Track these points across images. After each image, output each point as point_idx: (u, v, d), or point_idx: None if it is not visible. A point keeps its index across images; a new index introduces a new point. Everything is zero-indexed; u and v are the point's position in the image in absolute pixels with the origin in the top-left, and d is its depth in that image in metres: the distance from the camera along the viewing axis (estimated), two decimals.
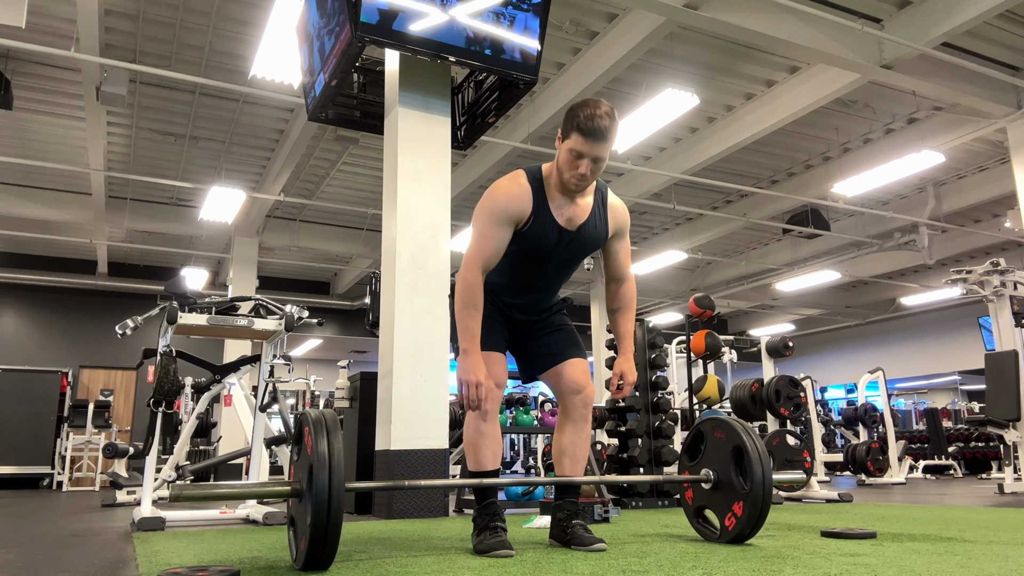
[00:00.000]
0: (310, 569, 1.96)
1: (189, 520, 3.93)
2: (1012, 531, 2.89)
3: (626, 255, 2.60)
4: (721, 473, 2.53)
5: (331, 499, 1.91)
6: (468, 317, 2.31)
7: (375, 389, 4.54)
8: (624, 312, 2.61)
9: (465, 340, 2.31)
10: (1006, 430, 6.15)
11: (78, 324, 12.61)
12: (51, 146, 8.70)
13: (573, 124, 2.27)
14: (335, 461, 1.95)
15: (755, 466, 2.41)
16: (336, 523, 1.92)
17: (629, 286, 2.61)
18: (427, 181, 4.63)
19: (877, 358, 13.24)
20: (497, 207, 2.35)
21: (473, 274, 2.32)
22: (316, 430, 2.00)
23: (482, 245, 2.34)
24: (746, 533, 2.43)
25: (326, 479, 1.92)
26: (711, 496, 2.57)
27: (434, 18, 4.18)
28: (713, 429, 2.62)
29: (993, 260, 6.41)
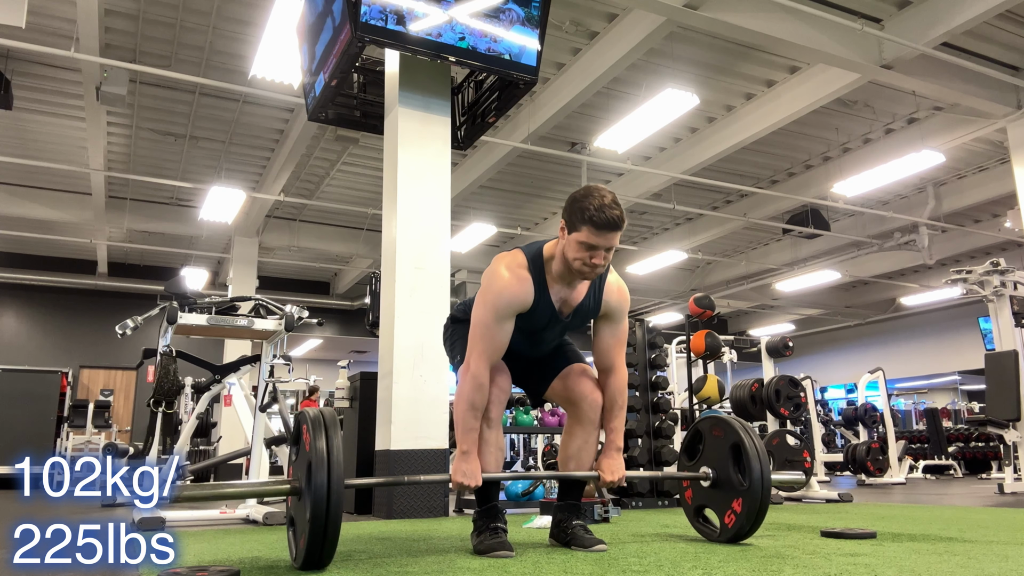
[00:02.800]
0: (309, 568, 1.96)
1: (189, 520, 3.93)
2: (1012, 531, 2.89)
3: (617, 341, 2.45)
4: (720, 471, 2.53)
5: (330, 497, 1.90)
6: (472, 418, 2.27)
7: (375, 389, 4.54)
8: (610, 407, 2.44)
9: (466, 443, 2.27)
10: (1006, 430, 6.15)
11: (78, 324, 12.61)
12: (51, 146, 8.69)
13: (583, 217, 2.18)
14: (334, 459, 1.94)
15: (753, 463, 2.40)
16: (335, 521, 1.92)
17: (617, 379, 2.44)
18: (427, 181, 4.63)
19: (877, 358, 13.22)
20: (501, 303, 2.28)
21: (482, 373, 2.27)
22: (315, 428, 2.00)
23: (488, 341, 2.29)
24: (746, 530, 2.43)
25: (325, 477, 1.92)
26: (710, 494, 2.56)
27: (434, 18, 4.18)
28: (711, 428, 2.62)
29: (993, 260, 6.41)
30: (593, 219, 2.16)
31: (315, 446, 1.96)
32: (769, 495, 2.42)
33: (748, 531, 2.45)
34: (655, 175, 9.19)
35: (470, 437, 2.26)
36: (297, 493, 2.07)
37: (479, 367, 2.26)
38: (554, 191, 10.30)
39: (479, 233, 10.37)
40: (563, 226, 2.26)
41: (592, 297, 2.38)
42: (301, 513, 2.01)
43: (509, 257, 2.36)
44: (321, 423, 2.02)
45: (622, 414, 2.46)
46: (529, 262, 2.33)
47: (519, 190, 10.38)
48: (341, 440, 2.03)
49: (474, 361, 2.27)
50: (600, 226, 2.17)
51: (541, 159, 9.11)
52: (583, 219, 2.18)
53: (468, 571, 1.96)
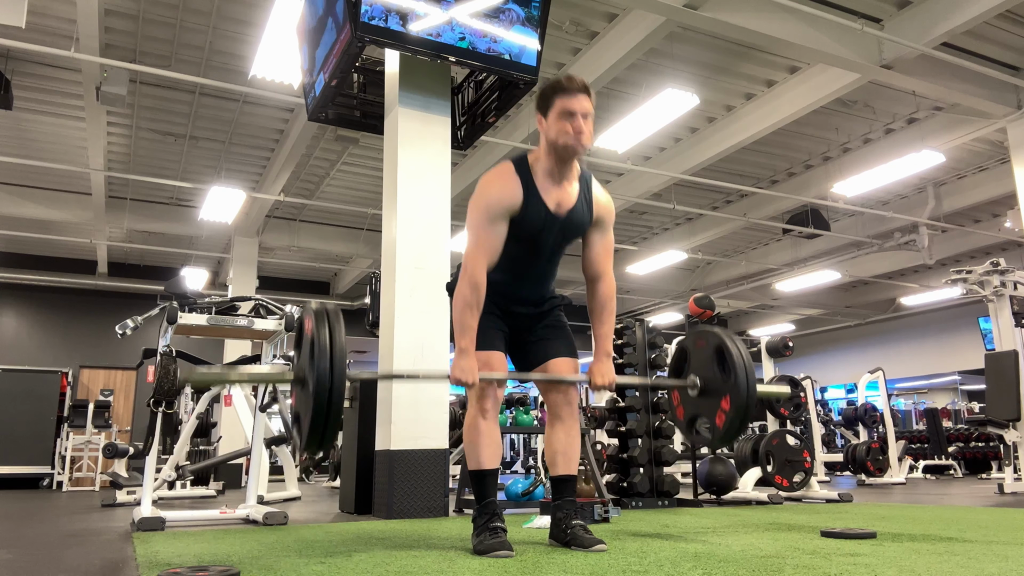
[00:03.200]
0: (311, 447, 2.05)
1: (189, 520, 3.93)
2: (1012, 531, 2.89)
3: (605, 249, 2.56)
4: (707, 378, 2.59)
5: (332, 383, 1.97)
6: (469, 316, 2.33)
7: (375, 389, 4.54)
8: (599, 312, 2.55)
9: (465, 339, 2.32)
10: (1006, 430, 6.15)
11: (78, 324, 12.60)
12: (51, 146, 8.69)
13: (551, 93, 2.37)
14: (336, 348, 2.01)
15: (736, 360, 2.47)
16: (337, 408, 1.99)
17: (606, 286, 2.56)
18: (427, 181, 4.63)
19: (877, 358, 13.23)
20: (491, 204, 2.38)
21: (479, 274, 2.34)
22: (318, 320, 2.07)
23: (483, 243, 2.37)
24: (736, 426, 2.47)
25: (327, 365, 1.98)
26: (700, 403, 2.61)
27: (434, 18, 4.18)
28: (695, 341, 2.70)
29: (993, 260, 6.41)
30: (561, 89, 2.36)
31: (318, 336, 2.02)
32: (755, 390, 2.48)
33: (739, 427, 2.48)
34: (655, 175, 9.19)
35: (468, 335, 2.31)
36: (301, 382, 2.12)
37: (475, 268, 2.33)
38: None
39: None
40: (539, 118, 2.42)
41: (584, 199, 2.49)
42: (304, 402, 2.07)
43: (496, 167, 2.47)
44: (324, 315, 2.09)
45: (611, 319, 2.56)
46: (515, 164, 2.45)
47: None
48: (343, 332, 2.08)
49: (470, 262, 2.34)
50: (569, 91, 2.34)
51: None
52: (553, 93, 2.37)
53: (468, 571, 1.96)
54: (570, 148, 2.37)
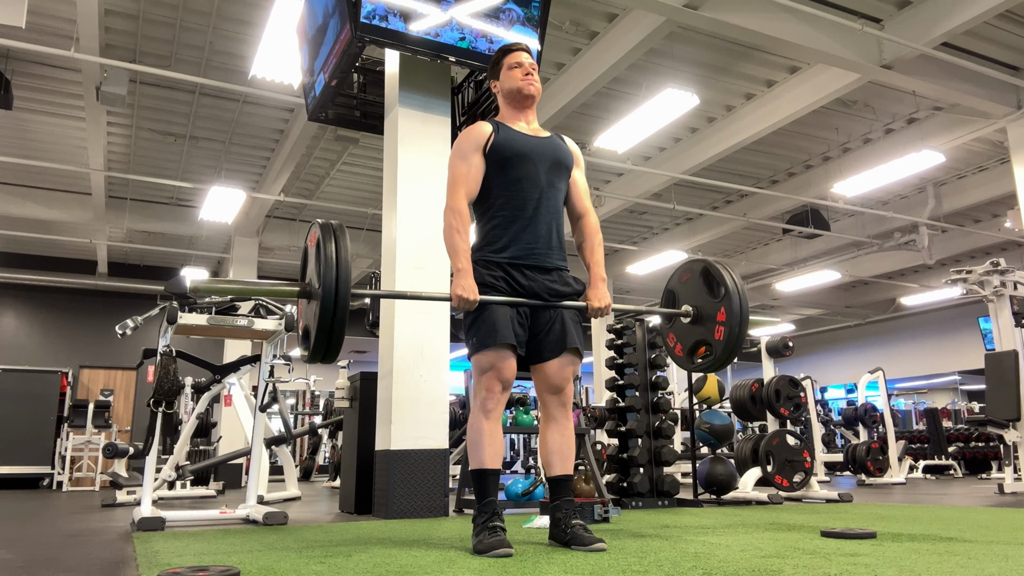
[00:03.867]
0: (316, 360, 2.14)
1: (189, 520, 3.93)
2: (1012, 531, 2.89)
3: (584, 189, 2.76)
4: (699, 303, 2.69)
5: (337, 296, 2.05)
6: (459, 240, 2.45)
7: (375, 389, 4.54)
8: (588, 242, 2.70)
9: (460, 260, 2.42)
10: (1006, 430, 6.15)
11: (78, 324, 12.60)
12: (51, 146, 8.70)
13: (499, 57, 2.73)
14: (342, 263, 2.09)
15: (723, 275, 2.59)
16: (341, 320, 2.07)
17: (591, 219, 2.73)
18: (427, 181, 4.63)
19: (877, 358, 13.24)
20: (461, 144, 2.59)
21: (458, 200, 2.50)
22: (324, 234, 2.14)
23: (459, 177, 2.54)
24: (736, 332, 2.56)
25: (333, 278, 2.06)
26: (697, 330, 2.70)
27: (434, 18, 4.19)
28: (680, 276, 2.82)
29: (993, 260, 6.41)
30: (505, 49, 2.73)
31: (325, 250, 2.10)
32: (746, 297, 2.60)
33: (738, 333, 2.56)
34: (655, 175, 9.19)
35: (462, 256, 2.42)
36: (307, 295, 2.20)
37: (454, 198, 2.51)
38: None
39: None
40: (493, 84, 2.75)
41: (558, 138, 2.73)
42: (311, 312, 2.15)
43: None
44: (330, 229, 2.16)
45: (600, 248, 2.72)
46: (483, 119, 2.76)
47: None
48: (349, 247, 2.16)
49: (449, 196, 2.52)
50: (511, 49, 2.71)
51: None
52: (500, 56, 2.72)
53: (468, 571, 1.96)
54: (523, 90, 2.65)
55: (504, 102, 2.72)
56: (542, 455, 2.59)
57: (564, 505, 2.50)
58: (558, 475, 2.53)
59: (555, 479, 2.54)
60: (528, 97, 2.67)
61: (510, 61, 2.68)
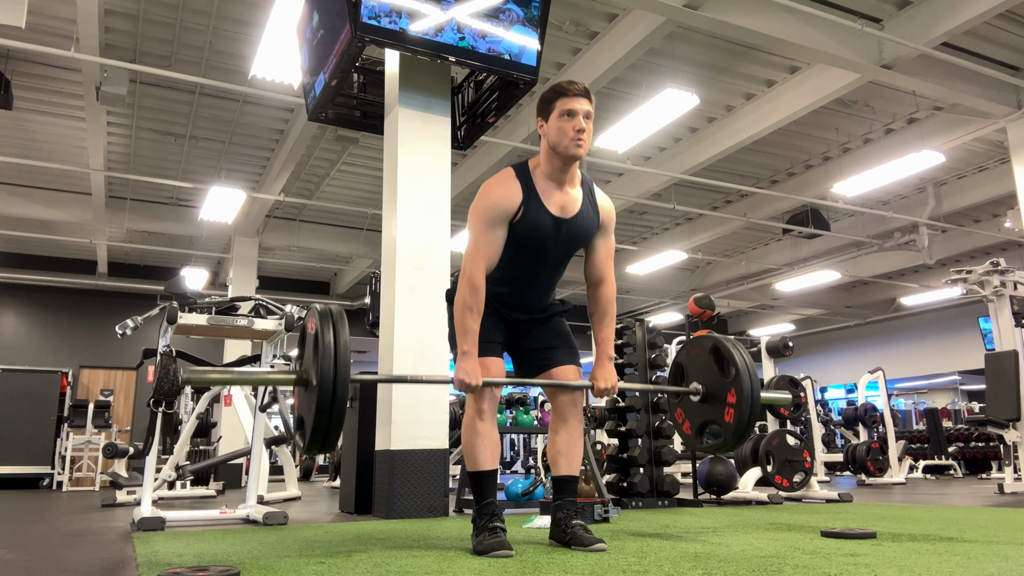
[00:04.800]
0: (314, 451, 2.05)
1: (189, 520, 3.93)
2: (1012, 531, 2.89)
3: (607, 255, 2.58)
4: (708, 382, 2.60)
5: (336, 386, 1.97)
6: (470, 320, 2.33)
7: (375, 389, 4.54)
8: (600, 316, 2.57)
9: (466, 343, 2.32)
10: (1006, 430, 6.15)
11: (78, 324, 12.60)
12: (51, 146, 8.70)
13: (553, 96, 2.41)
14: (340, 350, 2.02)
15: (733, 355, 2.49)
16: (340, 408, 1.99)
17: (608, 290, 2.57)
18: (427, 181, 4.63)
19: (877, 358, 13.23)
20: (489, 207, 2.39)
21: (478, 277, 2.35)
22: (322, 321, 2.06)
23: (481, 247, 2.39)
24: (747, 416, 2.45)
25: (331, 367, 1.98)
26: (706, 408, 2.61)
27: (434, 18, 4.18)
28: (689, 351, 2.72)
29: (993, 260, 6.41)
30: (562, 91, 2.40)
31: (322, 338, 2.02)
32: (757, 381, 2.50)
33: (749, 416, 2.45)
34: (655, 175, 9.19)
35: (469, 338, 2.33)
36: (304, 383, 2.12)
37: (474, 271, 2.35)
38: None
39: None
40: (540, 123, 2.45)
41: (589, 205, 2.50)
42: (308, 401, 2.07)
43: (497, 174, 2.48)
44: (329, 316, 2.09)
45: (612, 323, 2.58)
46: (515, 170, 2.46)
47: None
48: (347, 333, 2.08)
49: (469, 266, 2.36)
50: (571, 93, 2.39)
51: None
52: (554, 96, 2.41)
53: (468, 571, 1.96)
54: (571, 149, 2.37)
55: (547, 151, 2.43)
56: (549, 454, 2.59)
57: (566, 505, 2.50)
58: (564, 475, 2.54)
59: (560, 479, 2.54)
60: (574, 158, 2.41)
61: (564, 106, 2.38)
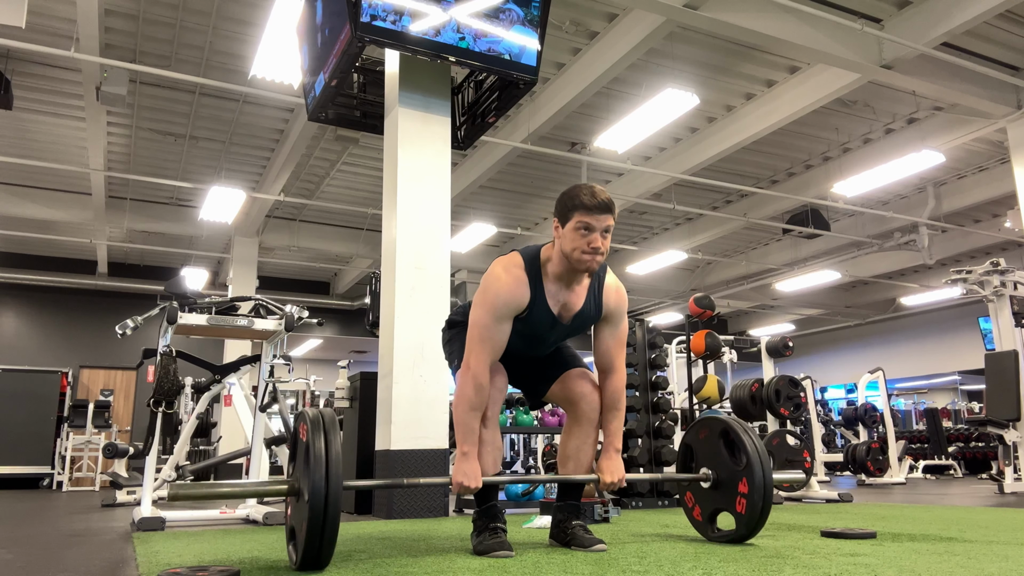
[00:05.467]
0: (307, 569, 1.96)
1: (189, 520, 3.93)
2: (1012, 531, 2.89)
3: (617, 342, 2.47)
4: (718, 467, 2.53)
5: (328, 498, 1.89)
6: (472, 420, 2.27)
7: (375, 389, 4.54)
8: (609, 409, 2.45)
9: (467, 443, 2.26)
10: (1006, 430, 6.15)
11: (78, 324, 12.60)
12: (51, 146, 8.70)
13: (574, 204, 2.26)
14: (332, 460, 1.93)
15: (744, 438, 2.42)
16: (333, 522, 1.91)
17: (617, 380, 2.46)
18: (427, 181, 4.63)
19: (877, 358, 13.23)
20: (498, 304, 2.30)
21: (483, 376, 2.27)
22: (313, 429, 1.99)
23: (487, 342, 2.30)
24: (760, 507, 2.37)
25: (323, 478, 1.90)
26: (716, 496, 2.55)
27: (434, 18, 4.18)
28: (697, 433, 2.65)
29: (993, 260, 6.41)
30: (585, 202, 2.24)
31: (313, 447, 1.95)
32: (770, 469, 2.41)
33: (763, 507, 2.37)
34: (655, 175, 9.19)
35: (471, 439, 2.26)
36: (296, 493, 2.06)
37: (479, 368, 2.27)
38: (554, 191, 10.28)
39: (479, 233, 10.37)
40: (556, 225, 2.31)
41: (592, 301, 2.40)
42: (299, 513, 2.01)
43: (507, 259, 2.38)
44: (320, 423, 2.00)
45: (621, 416, 2.47)
46: (526, 263, 2.35)
47: (519, 190, 10.38)
48: (340, 440, 2.01)
49: (474, 362, 2.27)
50: (592, 207, 2.23)
51: (541, 159, 9.11)
52: (575, 205, 2.25)
53: (468, 571, 1.96)
54: (583, 264, 2.26)
55: (559, 254, 2.31)
56: (560, 455, 2.57)
57: (567, 507, 2.50)
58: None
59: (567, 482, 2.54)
60: (586, 271, 2.31)
61: (582, 219, 2.23)
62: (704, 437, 2.60)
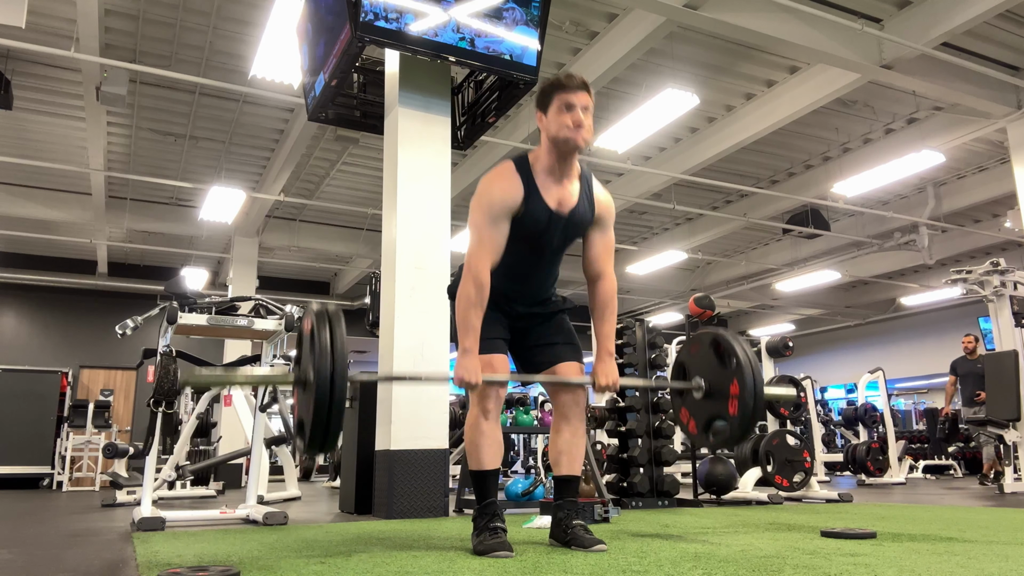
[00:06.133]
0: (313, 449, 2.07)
1: (189, 520, 3.93)
2: (1012, 531, 2.89)
3: (606, 248, 2.56)
4: (710, 376, 2.57)
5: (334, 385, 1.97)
6: (473, 317, 2.31)
7: (375, 389, 4.54)
8: (600, 311, 2.55)
9: (468, 339, 2.30)
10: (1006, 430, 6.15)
11: (78, 324, 12.60)
12: (51, 146, 8.69)
13: (553, 87, 2.41)
14: (337, 350, 2.02)
15: (733, 344, 2.48)
16: (339, 409, 1.99)
17: (607, 285, 2.55)
18: (427, 181, 4.63)
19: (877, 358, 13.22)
20: (493, 204, 2.38)
21: (483, 274, 2.32)
22: (319, 321, 2.07)
23: (486, 243, 2.36)
24: (750, 407, 2.42)
25: (328, 367, 1.98)
26: (709, 404, 2.59)
27: (434, 18, 4.18)
28: (689, 349, 2.70)
29: (993, 260, 6.42)
30: (563, 83, 2.40)
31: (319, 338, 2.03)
32: (759, 368, 2.47)
33: (753, 407, 2.42)
34: (655, 175, 9.19)
35: (471, 336, 2.30)
36: (303, 383, 2.13)
37: (479, 268, 2.32)
38: None
39: None
40: (540, 116, 2.45)
41: (585, 199, 2.50)
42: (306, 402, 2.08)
43: (496, 167, 2.48)
44: (325, 316, 2.09)
45: (613, 319, 2.56)
46: (516, 164, 2.46)
47: None
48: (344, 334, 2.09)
49: (474, 263, 2.33)
50: (570, 86, 2.38)
51: None
52: (553, 88, 2.41)
53: (468, 571, 1.96)
54: (570, 141, 2.37)
55: (547, 144, 2.43)
56: (551, 453, 2.58)
57: (567, 505, 2.50)
58: (565, 475, 2.53)
59: (562, 478, 2.54)
60: (574, 149, 2.40)
61: (564, 99, 2.37)
62: (696, 352, 2.66)
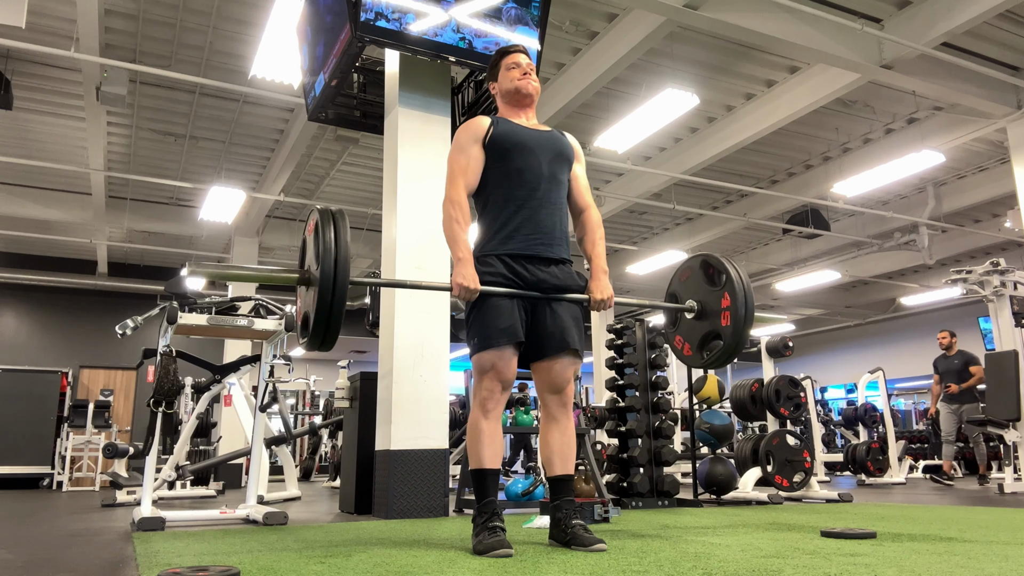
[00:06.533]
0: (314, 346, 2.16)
1: (189, 520, 3.93)
2: (1012, 531, 2.89)
3: (585, 185, 2.79)
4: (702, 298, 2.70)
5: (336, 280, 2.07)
6: (458, 230, 2.48)
7: (375, 389, 4.54)
8: (590, 236, 2.71)
9: (460, 250, 2.44)
10: (1006, 430, 6.15)
11: (78, 324, 12.60)
12: (51, 146, 8.70)
13: (497, 59, 2.78)
14: (341, 249, 2.12)
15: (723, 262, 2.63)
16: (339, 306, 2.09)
17: (592, 213, 2.75)
18: (427, 181, 4.63)
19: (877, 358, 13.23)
20: (459, 138, 2.62)
21: (458, 192, 2.52)
22: (323, 221, 2.16)
23: (456, 172, 2.55)
24: (743, 316, 2.56)
25: (332, 262, 2.08)
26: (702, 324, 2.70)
27: (434, 18, 4.19)
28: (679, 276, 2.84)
29: (993, 260, 6.41)
30: (504, 49, 2.79)
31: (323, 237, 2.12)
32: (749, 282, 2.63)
33: (745, 315, 2.56)
34: (655, 175, 9.20)
35: (462, 244, 2.45)
36: (306, 282, 2.23)
37: (453, 189, 2.53)
38: None
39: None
40: (491, 85, 2.80)
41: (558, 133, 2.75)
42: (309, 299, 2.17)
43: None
44: (330, 216, 2.18)
45: (602, 241, 2.74)
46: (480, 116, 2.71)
47: None
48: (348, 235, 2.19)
49: (451, 190, 2.54)
50: (510, 50, 2.77)
51: None
52: (499, 58, 2.77)
53: (468, 571, 1.96)
54: (521, 89, 2.68)
55: (503, 103, 2.75)
56: (543, 455, 2.59)
57: (564, 505, 2.50)
58: (559, 475, 2.54)
59: (556, 479, 2.54)
60: (526, 96, 2.70)
61: (508, 62, 2.73)
62: (687, 279, 2.79)
